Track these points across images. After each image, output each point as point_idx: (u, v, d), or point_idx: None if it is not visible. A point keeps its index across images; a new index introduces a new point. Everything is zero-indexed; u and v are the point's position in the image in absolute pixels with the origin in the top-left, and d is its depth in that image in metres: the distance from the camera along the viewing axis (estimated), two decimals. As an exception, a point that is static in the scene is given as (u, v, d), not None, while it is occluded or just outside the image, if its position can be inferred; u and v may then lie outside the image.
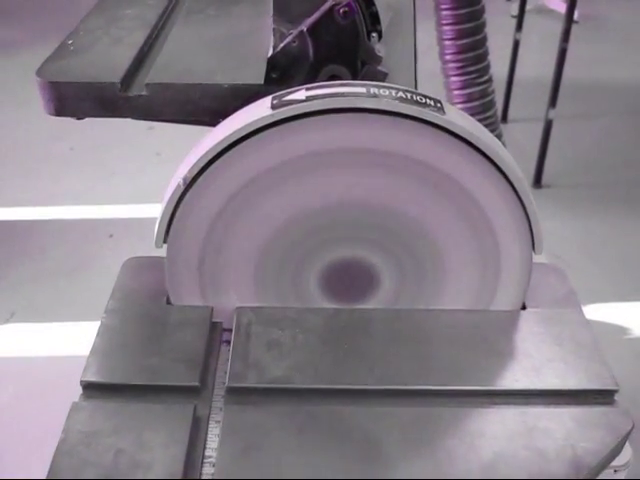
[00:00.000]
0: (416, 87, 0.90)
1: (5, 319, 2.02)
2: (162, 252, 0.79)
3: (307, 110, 0.69)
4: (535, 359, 0.73)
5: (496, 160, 0.72)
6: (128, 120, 0.86)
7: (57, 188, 2.62)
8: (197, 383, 0.70)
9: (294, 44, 0.80)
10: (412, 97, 0.71)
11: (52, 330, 1.98)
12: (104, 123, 1.06)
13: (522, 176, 0.74)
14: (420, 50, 0.94)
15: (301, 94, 0.70)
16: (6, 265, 2.23)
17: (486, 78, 1.84)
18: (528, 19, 3.03)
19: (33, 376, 1.83)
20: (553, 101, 2.52)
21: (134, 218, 2.45)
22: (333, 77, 0.81)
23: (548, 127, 2.57)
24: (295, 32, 0.80)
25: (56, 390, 1.74)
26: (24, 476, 1.48)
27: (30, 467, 1.51)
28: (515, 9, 3.28)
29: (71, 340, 1.94)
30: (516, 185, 0.74)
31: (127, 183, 2.66)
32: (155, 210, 0.76)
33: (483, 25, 1.79)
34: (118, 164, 2.77)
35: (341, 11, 0.79)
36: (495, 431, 0.66)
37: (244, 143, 0.70)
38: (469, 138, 0.71)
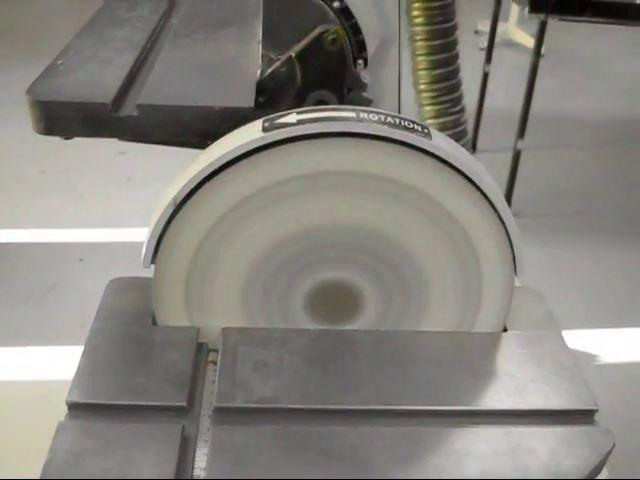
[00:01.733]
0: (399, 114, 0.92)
1: (-28, 343, 1.98)
2: (145, 272, 0.80)
3: (298, 133, 0.71)
4: (518, 380, 0.75)
5: (480, 185, 0.75)
6: (99, 145, 0.86)
7: (27, 211, 2.59)
8: (184, 403, 0.70)
9: (282, 69, 0.81)
10: (400, 122, 0.72)
11: (20, 354, 1.95)
12: (76, 147, 1.06)
13: (504, 200, 0.76)
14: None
15: (292, 117, 0.72)
16: (-26, 288, 2.19)
17: (459, 108, 1.88)
18: (496, 52, 3.10)
19: (1, 400, 1.79)
20: (522, 132, 2.58)
21: (104, 242, 2.43)
22: (320, 102, 0.83)
23: (517, 157, 2.62)
24: (283, 58, 0.81)
25: (23, 413, 1.71)
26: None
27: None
28: (484, 42, 3.35)
29: (39, 364, 1.90)
30: (499, 209, 0.76)
31: (98, 207, 2.64)
32: (125, 234, 0.77)
33: (456, 56, 1.83)
34: (89, 188, 2.76)
35: (329, 38, 0.81)
36: (481, 450, 0.67)
37: (235, 165, 0.71)
38: (454, 163, 0.73)
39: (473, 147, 3.10)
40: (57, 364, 1.92)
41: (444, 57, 1.82)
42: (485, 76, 3.08)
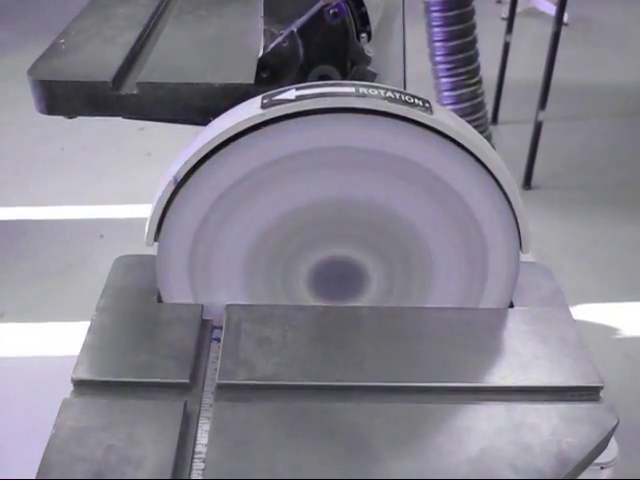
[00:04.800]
0: (405, 87, 0.91)
1: (-5, 319, 2.02)
2: (153, 250, 0.80)
3: (297, 110, 0.70)
4: (522, 356, 0.74)
5: (483, 160, 0.73)
6: (119, 121, 0.86)
7: (47, 188, 2.61)
8: (187, 380, 0.71)
9: (284, 44, 0.81)
10: (400, 97, 0.71)
11: (42, 330, 1.98)
12: (94, 124, 1.06)
13: (509, 175, 0.75)
14: (410, 52, 0.95)
15: (291, 94, 0.71)
16: (-4, 265, 2.23)
17: (476, 80, 1.85)
18: (518, 21, 3.04)
19: (22, 375, 1.82)
20: (543, 103, 2.53)
21: (124, 218, 2.45)
22: (323, 77, 0.82)
23: (538, 129, 2.58)
24: (285, 33, 0.80)
25: (46, 389, 1.74)
26: (13, 474, 1.48)
27: (18, 465, 1.51)
28: (505, 11, 3.29)
29: (61, 340, 1.93)
30: (503, 184, 0.75)
31: (117, 183, 2.65)
32: (146, 210, 0.77)
33: (473, 27, 1.80)
34: (108, 165, 2.77)
35: (331, 12, 0.79)
36: (482, 427, 0.67)
37: (235, 142, 0.71)
38: (457, 138, 0.72)
39: (494, 119, 3.05)
40: (78, 340, 1.95)
41: (461, 28, 1.79)
42: (506, 46, 3.02)
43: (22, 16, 4.12)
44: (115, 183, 2.66)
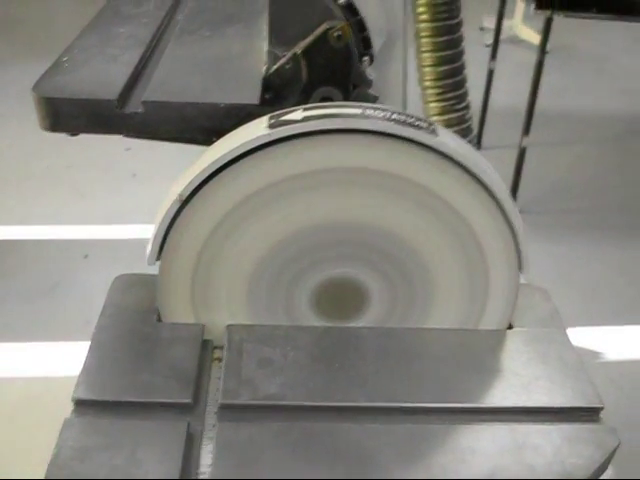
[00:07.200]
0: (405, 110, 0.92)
1: (-21, 339, 1.99)
2: (150, 269, 0.79)
3: (304, 130, 0.70)
4: (523, 377, 0.75)
5: (486, 182, 0.74)
6: (105, 141, 0.86)
7: (32, 207, 2.59)
8: (190, 400, 0.70)
9: (288, 66, 0.81)
10: (406, 119, 0.72)
11: (27, 350, 1.96)
12: (81, 143, 1.06)
13: (510, 198, 0.76)
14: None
15: (298, 114, 0.71)
16: (-20, 285, 2.20)
17: (464, 105, 1.87)
18: (501, 49, 3.09)
19: (7, 396, 1.80)
20: (527, 129, 2.57)
21: (109, 239, 2.43)
22: (325, 99, 0.83)
23: (522, 154, 2.62)
24: (289, 54, 0.81)
25: (30, 410, 1.71)
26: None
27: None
28: (489, 38, 3.34)
29: (46, 360, 1.91)
30: (504, 206, 0.75)
31: (103, 203, 2.64)
32: (131, 231, 0.76)
33: (462, 53, 1.82)
34: (94, 184, 2.76)
35: (335, 35, 0.80)
36: (486, 447, 0.67)
37: (241, 161, 0.71)
38: (460, 160, 0.73)
39: (478, 144, 3.09)
40: (63, 360, 1.92)
41: (449, 54, 1.80)
42: (490, 73, 3.06)
43: (9, 32, 4.11)
44: (100, 203, 2.64)
